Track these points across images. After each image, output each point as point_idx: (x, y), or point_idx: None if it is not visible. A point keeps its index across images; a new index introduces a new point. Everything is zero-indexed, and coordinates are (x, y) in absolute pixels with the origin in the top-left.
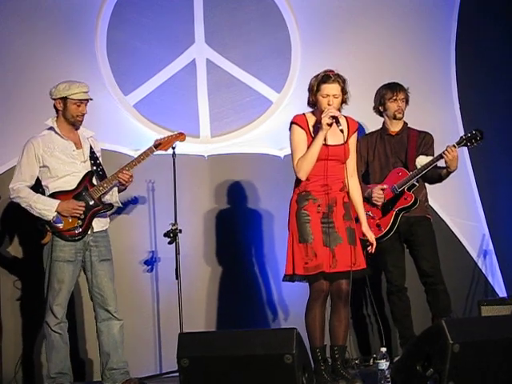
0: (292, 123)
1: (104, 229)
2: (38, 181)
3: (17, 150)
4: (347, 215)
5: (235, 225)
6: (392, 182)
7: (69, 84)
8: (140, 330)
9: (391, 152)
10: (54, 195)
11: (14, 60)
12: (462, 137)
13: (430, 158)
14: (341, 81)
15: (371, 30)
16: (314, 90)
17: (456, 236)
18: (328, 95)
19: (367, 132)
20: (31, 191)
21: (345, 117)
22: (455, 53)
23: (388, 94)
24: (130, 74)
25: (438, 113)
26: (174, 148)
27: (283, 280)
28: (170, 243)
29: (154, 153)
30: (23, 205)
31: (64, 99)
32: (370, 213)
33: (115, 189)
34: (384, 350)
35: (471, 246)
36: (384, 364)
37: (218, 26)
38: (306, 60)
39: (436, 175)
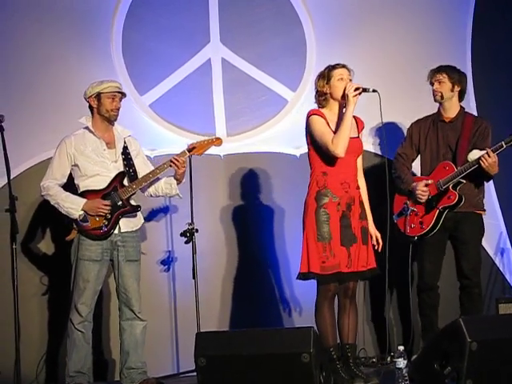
0: (310, 115)
1: (133, 229)
2: (72, 179)
3: (32, 152)
4: (362, 214)
5: (251, 224)
6: (438, 177)
7: (100, 81)
8: (157, 329)
9: (443, 141)
10: (83, 194)
11: (30, 61)
12: (511, 135)
13: (482, 153)
14: (348, 69)
15: (386, 27)
16: (325, 80)
17: None
18: (342, 78)
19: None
20: (61, 189)
21: (353, 116)
22: (471, 50)
23: (429, 76)
24: (145, 73)
25: None
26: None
27: (297, 278)
28: (186, 243)
29: (187, 156)
30: (52, 202)
31: (98, 95)
32: (414, 209)
33: (174, 181)
34: (402, 348)
35: (488, 243)
36: (402, 362)
37: (233, 25)
38: (321, 58)
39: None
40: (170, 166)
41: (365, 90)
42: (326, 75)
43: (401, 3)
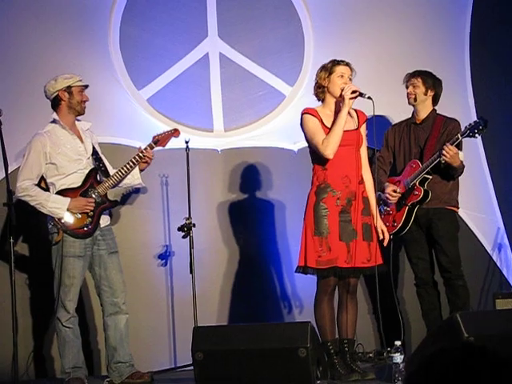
0: (303, 114)
1: (108, 223)
2: (41, 178)
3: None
4: (366, 210)
5: (249, 218)
6: (406, 176)
7: (65, 75)
8: (154, 323)
9: (414, 142)
10: (61, 193)
11: (28, 55)
12: (466, 127)
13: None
14: (351, 68)
15: (384, 22)
16: (327, 73)
17: (471, 229)
18: (343, 75)
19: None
20: (40, 190)
21: (354, 109)
22: (469, 48)
23: (404, 81)
24: (143, 68)
25: (453, 109)
26: (187, 142)
27: (296, 271)
28: (183, 237)
29: (154, 149)
30: (33, 203)
31: (68, 88)
32: (387, 208)
33: (136, 170)
34: (398, 343)
35: (486, 239)
36: (398, 357)
37: (231, 19)
38: (319, 53)
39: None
40: (140, 157)
41: (361, 95)
42: (328, 68)
43: None
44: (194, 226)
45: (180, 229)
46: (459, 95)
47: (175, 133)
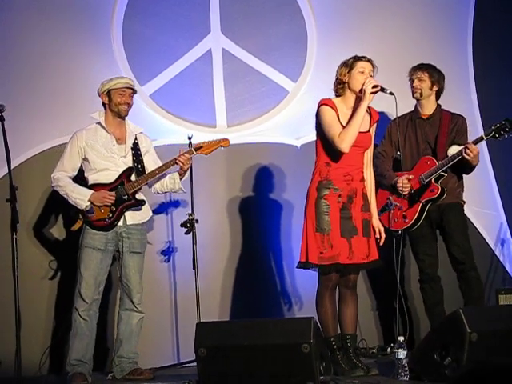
0: (320, 105)
1: (139, 222)
2: (82, 173)
3: (32, 142)
4: (365, 206)
5: (251, 214)
6: (420, 171)
7: (110, 78)
8: (157, 319)
9: (422, 138)
10: (91, 187)
11: (31, 51)
12: (491, 127)
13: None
14: (372, 64)
15: (387, 18)
16: (347, 69)
17: (474, 225)
18: (364, 71)
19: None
20: (70, 180)
21: (368, 107)
22: (472, 44)
23: (410, 73)
24: (145, 64)
25: (456, 104)
26: (190, 138)
27: (297, 267)
28: (186, 233)
29: (193, 155)
30: (61, 193)
31: (108, 92)
32: (397, 203)
33: (177, 176)
34: (401, 339)
35: (489, 234)
36: (401, 353)
37: (234, 15)
38: (322, 49)
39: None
40: (176, 163)
41: (382, 90)
42: (349, 64)
43: None
44: (197, 221)
45: (183, 225)
46: (462, 91)
47: (224, 142)
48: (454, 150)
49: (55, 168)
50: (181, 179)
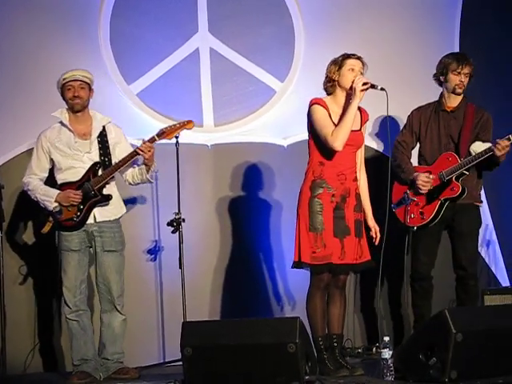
0: (312, 104)
1: (111, 219)
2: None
3: (20, 140)
4: (358, 207)
5: (238, 213)
6: (440, 168)
7: (62, 73)
8: (143, 318)
9: (444, 131)
10: (60, 186)
11: (18, 50)
12: None
13: (485, 146)
14: (362, 62)
15: (374, 19)
16: (337, 66)
17: None
18: (354, 69)
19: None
20: (39, 183)
21: (358, 107)
22: (459, 45)
23: (453, 65)
24: (133, 62)
25: None
26: (177, 137)
27: (292, 267)
28: (173, 232)
29: (157, 142)
30: (32, 197)
31: (61, 88)
32: (415, 199)
33: (143, 167)
34: (387, 339)
35: None
36: (387, 353)
37: (222, 14)
38: (310, 49)
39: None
40: (137, 152)
41: (373, 87)
42: (338, 62)
43: None
44: (184, 221)
45: (169, 224)
46: None
47: (188, 124)
48: (477, 146)
49: (26, 172)
50: (148, 169)
